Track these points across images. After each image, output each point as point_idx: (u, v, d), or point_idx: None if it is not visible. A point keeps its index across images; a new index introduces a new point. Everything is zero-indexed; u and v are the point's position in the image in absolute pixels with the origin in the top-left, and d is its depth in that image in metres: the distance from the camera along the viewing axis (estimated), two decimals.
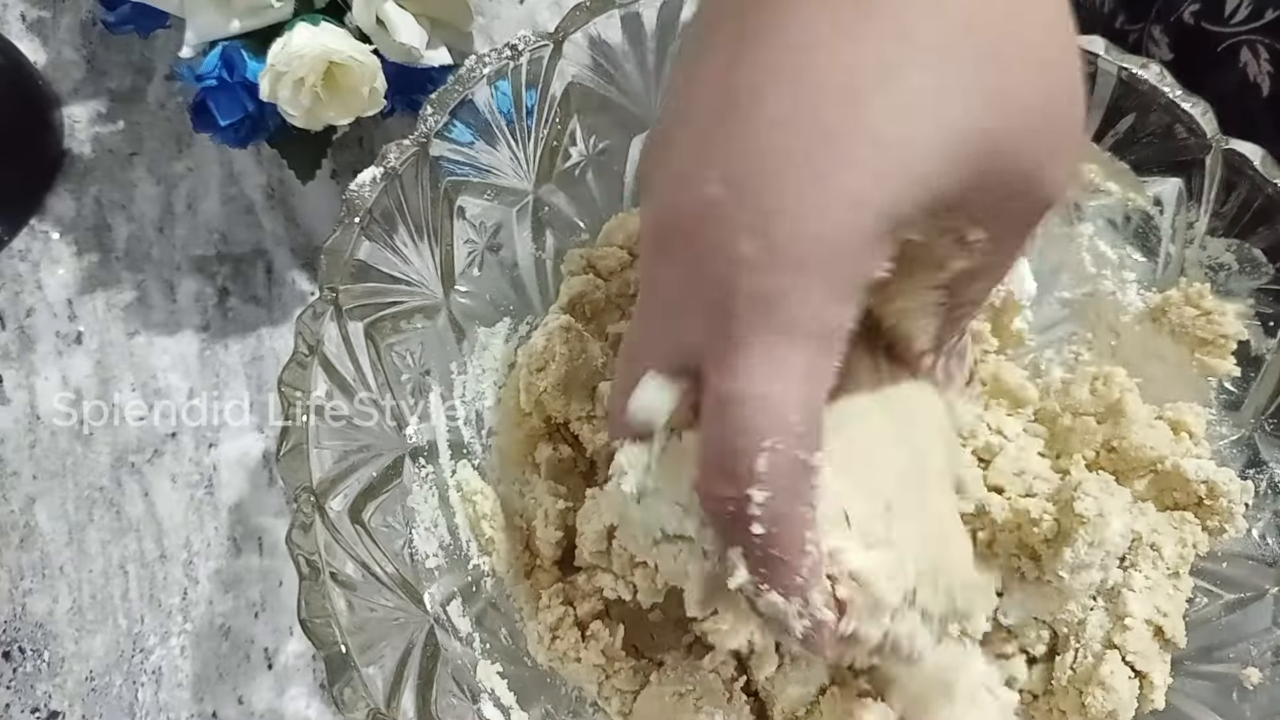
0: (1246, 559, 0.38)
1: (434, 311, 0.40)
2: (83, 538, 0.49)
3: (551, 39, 0.39)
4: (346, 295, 0.36)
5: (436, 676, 0.35)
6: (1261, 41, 0.46)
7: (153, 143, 0.56)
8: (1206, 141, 0.38)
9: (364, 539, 0.35)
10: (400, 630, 0.35)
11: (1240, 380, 0.40)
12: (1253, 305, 0.39)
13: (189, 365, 0.52)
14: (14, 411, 0.51)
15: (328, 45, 0.43)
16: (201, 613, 0.47)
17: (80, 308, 0.53)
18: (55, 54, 0.57)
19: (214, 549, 0.48)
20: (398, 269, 0.39)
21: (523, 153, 0.41)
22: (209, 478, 0.50)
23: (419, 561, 0.38)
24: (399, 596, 0.36)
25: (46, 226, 0.54)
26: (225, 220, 0.54)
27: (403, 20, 0.45)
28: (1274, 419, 0.39)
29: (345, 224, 0.37)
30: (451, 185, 0.40)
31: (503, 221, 0.42)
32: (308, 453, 0.34)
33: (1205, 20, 0.47)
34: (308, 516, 0.33)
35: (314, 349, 0.35)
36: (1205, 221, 0.39)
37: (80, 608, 0.48)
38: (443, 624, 0.37)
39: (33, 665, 0.47)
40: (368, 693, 0.32)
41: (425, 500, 0.39)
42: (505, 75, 0.39)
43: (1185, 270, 0.40)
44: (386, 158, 0.37)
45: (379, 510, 0.37)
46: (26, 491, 0.49)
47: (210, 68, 0.45)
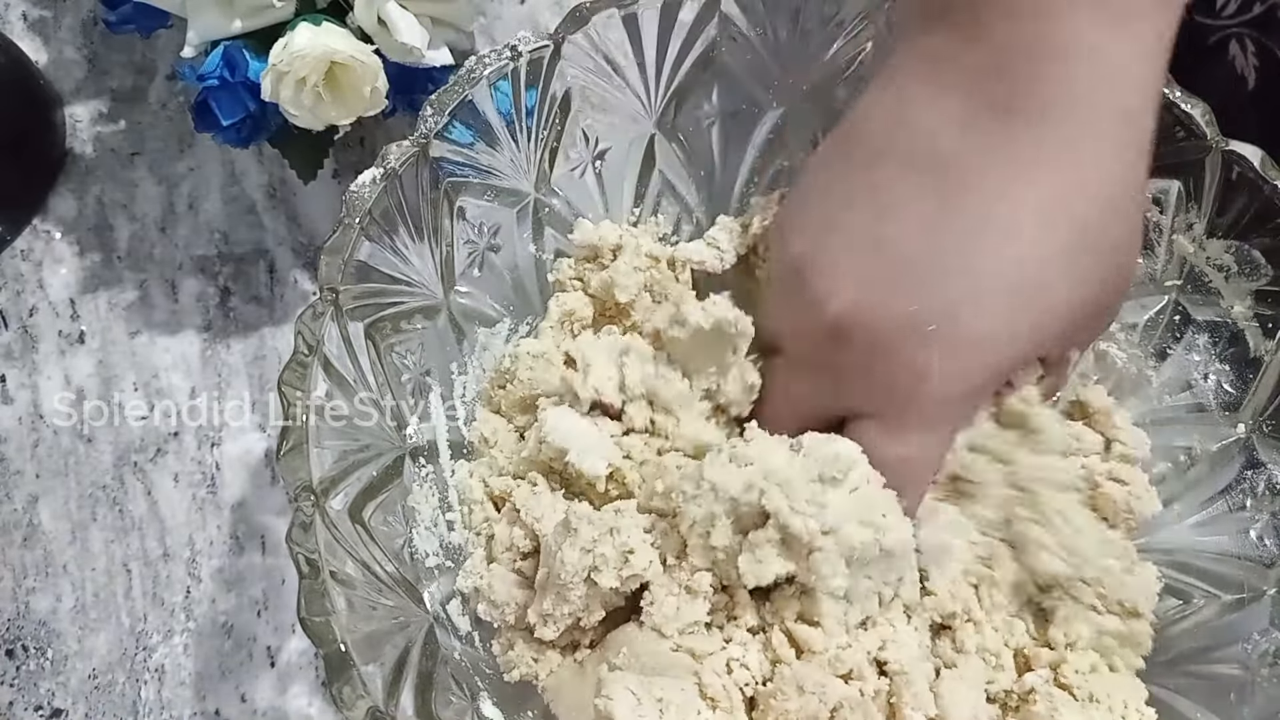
0: (1244, 560, 0.38)
1: (434, 312, 0.40)
2: (86, 536, 0.49)
3: (552, 40, 0.39)
4: (346, 295, 0.36)
5: (435, 675, 0.35)
6: (1249, 35, 0.46)
7: (154, 142, 0.56)
8: (1206, 143, 0.38)
9: (364, 538, 0.36)
10: (400, 629, 0.35)
11: (1238, 381, 0.40)
12: (1251, 307, 0.39)
13: (191, 365, 0.52)
14: (17, 410, 0.51)
15: (329, 45, 0.43)
16: (204, 611, 0.48)
17: (82, 307, 0.53)
18: (57, 53, 0.57)
19: (216, 547, 0.49)
20: (398, 269, 0.39)
21: (523, 154, 0.41)
22: (211, 477, 0.50)
23: (419, 561, 0.38)
24: (399, 595, 0.36)
25: (49, 226, 0.54)
26: (227, 220, 0.54)
27: (404, 20, 0.45)
28: (1272, 420, 0.39)
29: (345, 224, 0.37)
30: (451, 186, 0.40)
31: (502, 222, 0.42)
32: (308, 452, 0.34)
33: (1197, 13, 0.47)
34: (307, 515, 0.33)
35: (314, 349, 0.35)
36: (1205, 223, 0.39)
37: (83, 606, 0.48)
38: (442, 623, 0.37)
39: (36, 663, 0.47)
40: (367, 691, 0.32)
41: (425, 500, 0.39)
42: (505, 76, 0.39)
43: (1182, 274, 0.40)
44: (386, 158, 0.37)
45: (379, 509, 0.37)
46: (29, 490, 0.49)
47: (212, 67, 0.45)
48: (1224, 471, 0.40)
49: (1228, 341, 0.40)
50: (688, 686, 0.34)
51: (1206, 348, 0.41)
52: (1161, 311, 0.41)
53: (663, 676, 0.34)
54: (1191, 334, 0.41)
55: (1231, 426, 0.40)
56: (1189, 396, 0.41)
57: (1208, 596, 0.38)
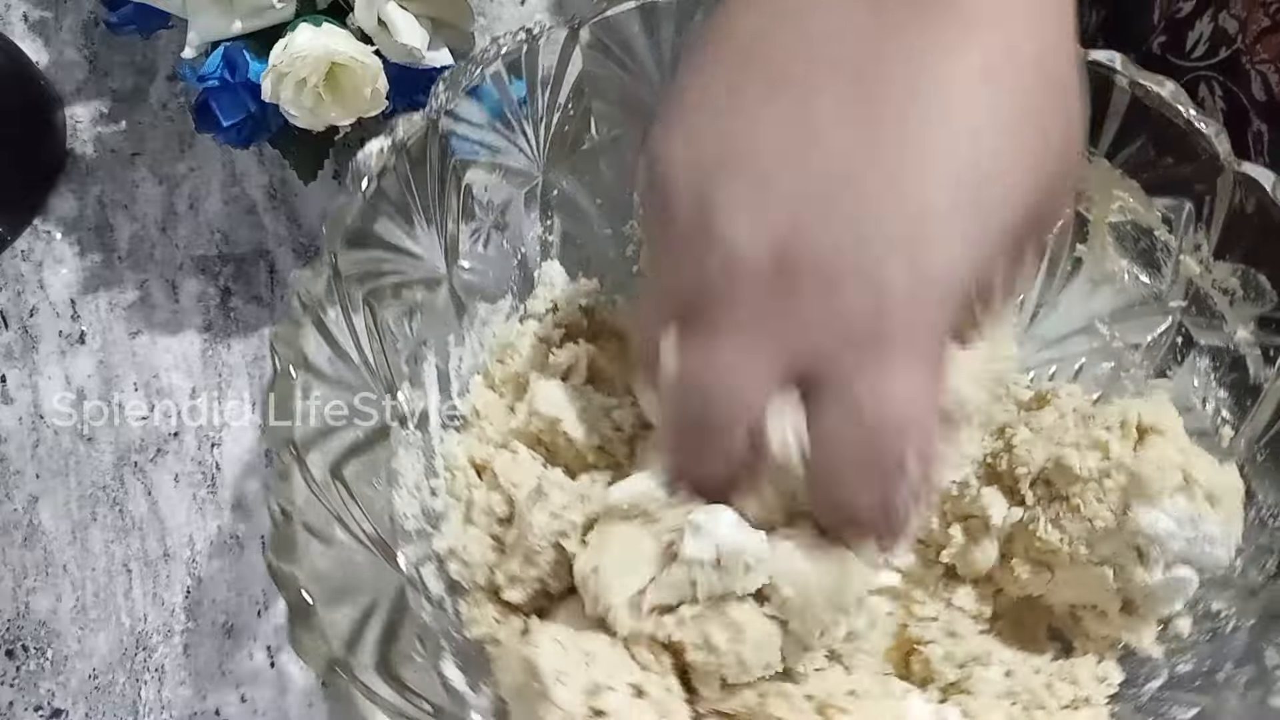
0: (1228, 588, 0.37)
1: (435, 284, 0.40)
2: (86, 536, 0.49)
3: (567, 25, 0.39)
4: (346, 260, 0.36)
5: (400, 633, 0.35)
6: (1215, 78, 0.46)
7: (155, 143, 0.56)
8: (1219, 164, 0.37)
9: (343, 494, 0.35)
10: (370, 585, 0.35)
11: (1236, 407, 0.39)
12: (1254, 333, 0.38)
13: (191, 365, 0.52)
14: (17, 411, 0.51)
15: (330, 46, 0.44)
16: (205, 611, 0.48)
17: (83, 307, 0.53)
18: (58, 54, 0.57)
19: (217, 547, 0.49)
20: (400, 240, 0.38)
21: (534, 136, 0.41)
22: (212, 477, 0.50)
23: (398, 523, 0.38)
24: (373, 554, 0.35)
25: (49, 226, 0.54)
26: (227, 220, 0.55)
27: (404, 21, 0.45)
28: (1267, 449, 0.37)
29: (348, 190, 0.36)
30: (460, 163, 0.39)
31: (510, 201, 0.42)
32: (294, 408, 0.33)
33: (1170, 53, 0.48)
34: (286, 465, 0.33)
35: (308, 307, 0.34)
36: (1212, 244, 0.38)
37: (83, 606, 0.48)
38: (415, 585, 0.37)
39: (36, 663, 0.47)
40: (327, 640, 0.31)
41: (411, 465, 0.39)
42: (519, 58, 0.39)
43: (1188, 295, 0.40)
44: (395, 130, 0.37)
45: (362, 469, 0.36)
46: (29, 490, 0.49)
47: (212, 68, 0.45)
48: None
49: (1228, 367, 0.39)
50: (619, 646, 0.33)
51: (1207, 372, 0.40)
52: (1165, 333, 0.41)
53: (595, 633, 0.33)
54: (1194, 357, 0.40)
55: (1227, 453, 0.38)
56: (1186, 421, 0.39)
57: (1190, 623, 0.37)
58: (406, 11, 0.46)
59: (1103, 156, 0.40)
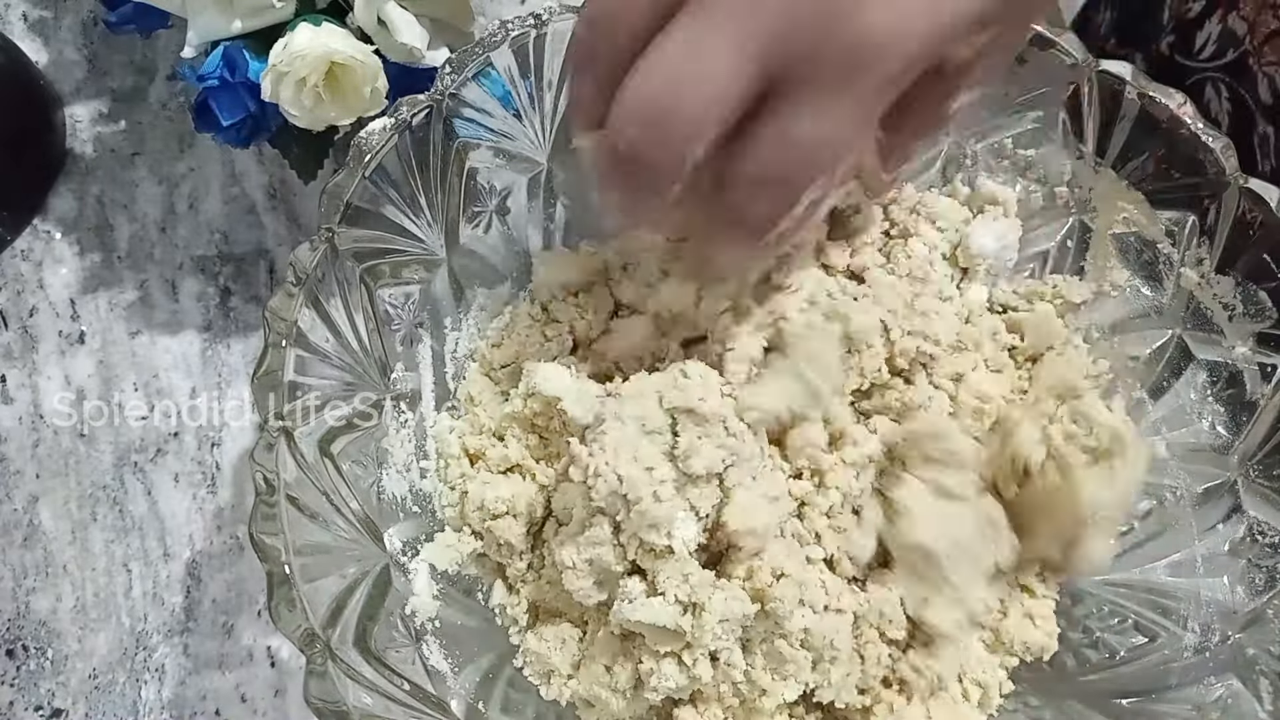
0: (1214, 605, 0.37)
1: (434, 266, 0.40)
2: (86, 536, 0.49)
3: (576, 11, 0.39)
4: (345, 236, 0.36)
5: (380, 612, 0.35)
6: (1222, 80, 0.47)
7: (155, 142, 0.56)
8: (1225, 178, 0.37)
9: (330, 471, 0.35)
10: (354, 561, 0.35)
11: (1231, 424, 0.39)
12: (1253, 349, 0.38)
13: (191, 365, 0.52)
14: (17, 411, 0.51)
15: (329, 45, 0.43)
16: (204, 610, 0.48)
17: (83, 307, 0.53)
18: (57, 54, 0.57)
19: (216, 547, 0.49)
20: (400, 220, 0.38)
21: (539, 122, 0.41)
22: (211, 477, 0.50)
23: (385, 502, 0.38)
24: (357, 530, 0.35)
25: (49, 226, 0.54)
26: (227, 220, 0.55)
27: (404, 20, 0.45)
28: (1260, 466, 0.38)
29: (349, 167, 0.36)
30: (463, 146, 0.39)
31: (513, 187, 0.42)
32: (284, 381, 0.33)
33: (1178, 54, 0.48)
34: (273, 437, 0.33)
35: (302, 281, 0.34)
36: (1215, 259, 0.39)
37: (83, 606, 0.48)
38: (399, 564, 0.37)
39: (36, 663, 0.47)
40: (306, 614, 0.31)
41: (401, 445, 0.39)
42: (526, 43, 0.39)
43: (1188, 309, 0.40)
44: (399, 109, 0.37)
45: (351, 446, 0.37)
46: (29, 490, 0.49)
47: (212, 68, 0.45)
48: (1207, 514, 0.39)
49: (1226, 382, 0.39)
50: None
51: (1204, 387, 0.40)
52: (1164, 346, 0.41)
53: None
54: (1191, 371, 0.40)
55: (1220, 469, 0.39)
56: (1183, 435, 0.40)
57: (1171, 636, 0.38)
58: (406, 11, 0.46)
59: (1109, 167, 0.40)
